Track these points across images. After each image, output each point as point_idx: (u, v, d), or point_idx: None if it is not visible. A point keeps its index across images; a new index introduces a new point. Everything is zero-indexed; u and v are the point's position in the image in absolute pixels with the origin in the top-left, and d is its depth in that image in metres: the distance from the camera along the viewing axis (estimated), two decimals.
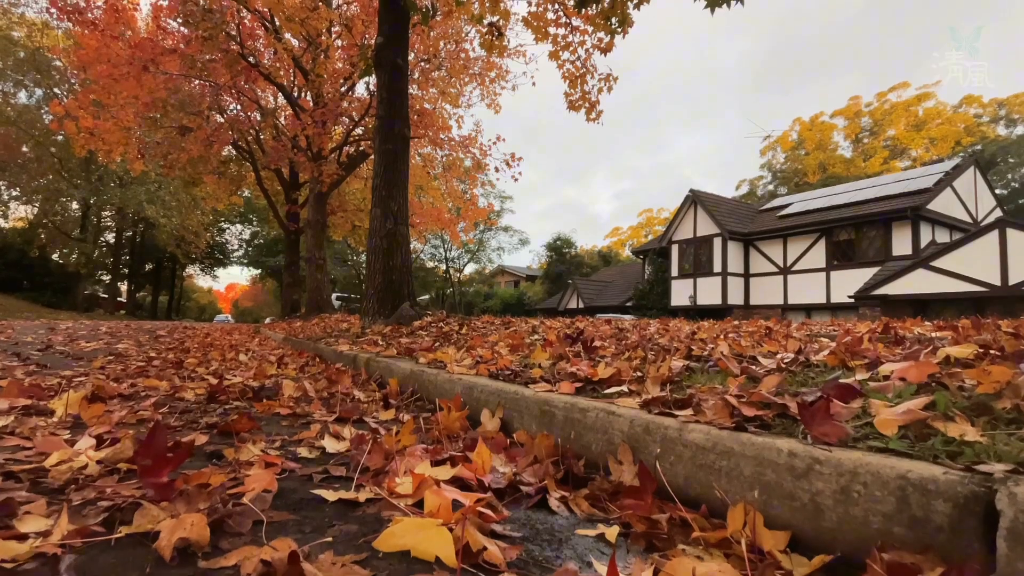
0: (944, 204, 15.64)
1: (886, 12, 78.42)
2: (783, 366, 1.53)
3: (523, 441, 1.38)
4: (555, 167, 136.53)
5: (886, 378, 1.23)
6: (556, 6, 6.70)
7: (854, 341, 1.74)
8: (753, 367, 1.52)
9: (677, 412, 1.15)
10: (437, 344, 3.51)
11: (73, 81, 25.68)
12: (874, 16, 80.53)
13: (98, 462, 1.06)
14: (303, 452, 1.28)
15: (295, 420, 1.73)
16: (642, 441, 1.13)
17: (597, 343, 2.67)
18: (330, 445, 1.33)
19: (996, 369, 1.03)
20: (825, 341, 2.70)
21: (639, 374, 1.63)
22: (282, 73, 13.20)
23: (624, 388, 1.46)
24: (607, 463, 1.19)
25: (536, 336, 3.67)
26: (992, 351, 1.45)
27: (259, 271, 46.45)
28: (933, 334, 2.87)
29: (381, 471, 1.09)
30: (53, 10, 12.83)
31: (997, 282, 11.91)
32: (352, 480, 1.06)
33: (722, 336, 3.18)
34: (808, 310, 17.36)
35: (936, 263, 12.99)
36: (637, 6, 5.53)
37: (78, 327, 9.55)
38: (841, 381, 1.15)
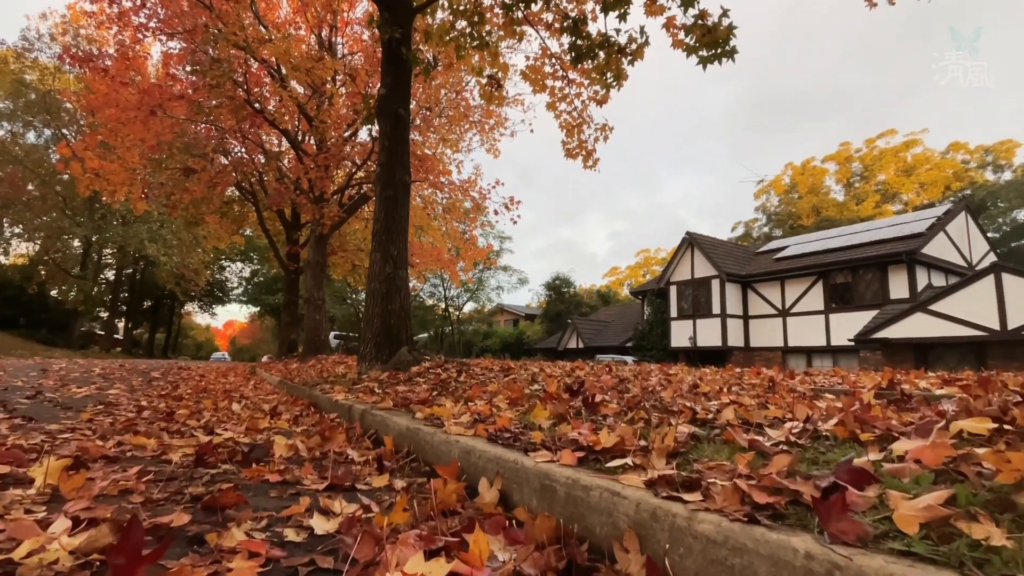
0: (938, 248, 15.80)
1: (865, 61, 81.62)
2: (791, 438, 1.48)
3: (523, 520, 1.32)
4: (552, 207, 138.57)
5: (900, 458, 1.18)
6: (553, 60, 6.92)
7: (862, 408, 1.70)
8: (760, 438, 1.47)
9: (685, 496, 1.10)
10: (435, 393, 3.45)
11: (82, 122, 26.28)
12: (854, 64, 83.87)
13: (71, 552, 0.99)
14: (290, 535, 1.22)
15: (284, 489, 1.66)
16: (649, 528, 1.08)
17: (598, 398, 2.62)
18: (319, 525, 1.27)
19: (1016, 457, 0.99)
20: (830, 398, 2.65)
21: (643, 443, 1.57)
22: (287, 118, 13.53)
23: (628, 461, 1.40)
24: (612, 549, 1.12)
25: (536, 386, 3.61)
26: (1005, 424, 1.41)
27: (258, 309, 46.34)
28: (939, 391, 2.83)
29: (372, 562, 1.02)
30: (66, 56, 13.28)
31: (996, 326, 11.89)
32: (340, 574, 0.99)
33: (725, 389, 3.13)
34: (809, 353, 17.27)
35: (934, 307, 13.01)
36: (631, 62, 5.72)
37: (71, 368, 9.42)
38: (855, 463, 1.11)
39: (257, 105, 12.22)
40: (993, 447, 1.16)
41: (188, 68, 11.93)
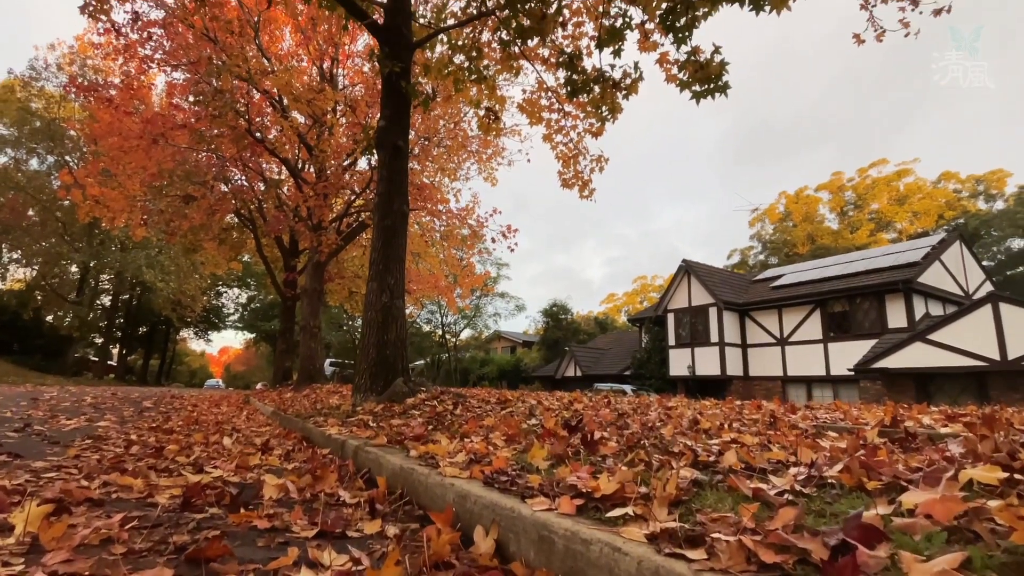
0: (935, 277, 15.88)
1: (856, 88, 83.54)
2: (796, 485, 1.44)
3: (520, 575, 1.26)
4: (547, 234, 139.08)
5: (910, 512, 1.15)
6: (549, 94, 7.06)
7: (867, 451, 1.66)
8: (764, 486, 1.43)
9: (689, 552, 1.06)
10: (430, 428, 3.39)
11: (84, 150, 26.54)
12: (845, 92, 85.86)
13: None
14: None
15: (272, 537, 1.61)
16: None
17: (597, 435, 2.57)
18: None
19: None
20: (833, 436, 2.61)
21: (644, 489, 1.53)
22: (287, 147, 13.70)
23: (629, 511, 1.36)
24: None
25: (533, 420, 3.56)
26: (1015, 472, 1.38)
27: (253, 335, 46.06)
28: (943, 429, 2.79)
29: None
30: (72, 86, 13.50)
31: (996, 356, 11.86)
32: None
33: (726, 426, 3.08)
34: (808, 382, 17.15)
35: (933, 336, 12.99)
36: (626, 96, 5.83)
37: (62, 396, 9.28)
38: (864, 518, 1.07)
39: (258, 134, 12.38)
40: (1005, 500, 1.13)
41: (191, 98, 12.12)
